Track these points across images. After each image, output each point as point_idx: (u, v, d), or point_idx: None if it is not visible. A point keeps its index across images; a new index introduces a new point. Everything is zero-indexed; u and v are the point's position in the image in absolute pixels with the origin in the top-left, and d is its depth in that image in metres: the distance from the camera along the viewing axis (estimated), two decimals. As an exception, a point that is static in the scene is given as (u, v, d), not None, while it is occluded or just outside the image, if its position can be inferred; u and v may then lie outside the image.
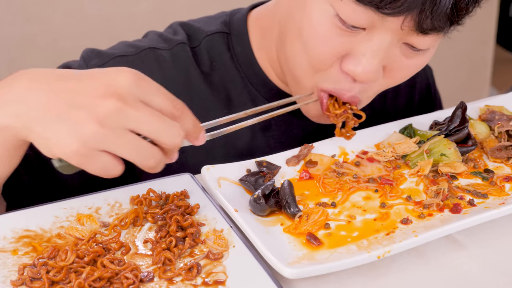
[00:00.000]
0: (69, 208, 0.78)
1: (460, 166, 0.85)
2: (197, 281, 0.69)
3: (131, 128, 0.65)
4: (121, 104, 0.64)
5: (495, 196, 0.81)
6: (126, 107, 0.64)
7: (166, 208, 0.77)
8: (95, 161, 0.65)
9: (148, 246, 0.74)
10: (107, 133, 0.63)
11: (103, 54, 0.97)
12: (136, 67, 0.79)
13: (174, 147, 0.67)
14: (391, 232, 0.76)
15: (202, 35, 0.99)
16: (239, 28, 0.99)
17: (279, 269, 0.68)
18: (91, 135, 0.63)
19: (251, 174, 0.83)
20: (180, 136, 0.67)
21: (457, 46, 2.70)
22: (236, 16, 1.01)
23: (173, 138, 0.66)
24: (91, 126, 0.63)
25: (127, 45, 0.98)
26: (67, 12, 1.99)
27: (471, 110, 0.98)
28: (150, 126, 0.65)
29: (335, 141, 0.91)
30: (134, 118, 0.64)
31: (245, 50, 0.99)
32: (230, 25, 1.00)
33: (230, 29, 1.00)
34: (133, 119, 0.64)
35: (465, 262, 0.74)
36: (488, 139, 0.91)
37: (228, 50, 0.99)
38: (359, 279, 0.72)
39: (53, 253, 0.71)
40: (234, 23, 1.00)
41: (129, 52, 0.97)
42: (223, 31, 1.00)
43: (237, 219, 0.75)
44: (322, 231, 0.76)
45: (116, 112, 0.63)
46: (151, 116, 0.65)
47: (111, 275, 0.68)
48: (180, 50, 0.98)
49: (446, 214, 0.78)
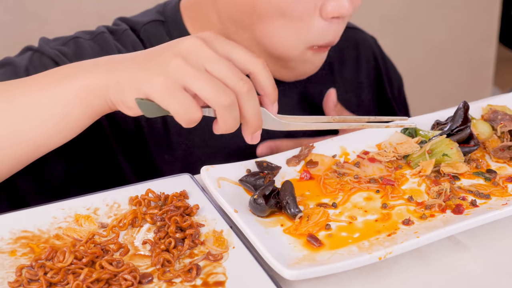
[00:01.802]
0: (67, 209, 0.78)
1: (462, 166, 0.84)
2: (197, 282, 0.69)
3: (208, 68, 0.71)
4: (200, 44, 0.71)
5: (498, 196, 0.81)
6: (204, 46, 0.71)
7: (165, 208, 0.77)
8: (177, 98, 0.70)
9: (147, 247, 0.74)
10: (190, 68, 0.70)
11: (58, 38, 1.00)
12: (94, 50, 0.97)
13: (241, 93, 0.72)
14: (392, 233, 0.75)
15: (140, 25, 1.04)
16: (172, 15, 1.04)
17: (279, 270, 0.68)
18: (176, 67, 0.70)
19: (251, 174, 0.82)
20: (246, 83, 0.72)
21: (459, 45, 2.70)
22: (169, 6, 1.06)
23: (238, 82, 0.71)
24: (177, 60, 0.70)
25: (81, 32, 1.02)
26: (64, 10, 1.98)
27: (473, 110, 0.97)
28: (223, 66, 0.71)
29: (336, 141, 0.90)
30: (209, 58, 0.71)
31: (183, 35, 1.01)
32: (164, 13, 1.05)
33: (165, 17, 1.05)
34: (208, 59, 0.71)
35: (467, 264, 0.74)
36: (490, 139, 0.91)
37: (166, 37, 1.03)
38: (360, 281, 0.71)
39: (51, 254, 0.70)
40: (168, 11, 1.05)
41: (84, 36, 1.00)
42: (158, 19, 1.04)
43: (236, 220, 0.75)
44: (323, 232, 0.76)
45: (195, 49, 0.71)
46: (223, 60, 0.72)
47: (109, 276, 0.68)
48: (126, 37, 1.02)
49: (448, 215, 0.78)
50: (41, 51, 0.95)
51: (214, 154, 1.02)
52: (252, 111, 0.74)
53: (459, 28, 2.67)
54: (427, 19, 2.58)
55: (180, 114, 0.71)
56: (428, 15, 2.58)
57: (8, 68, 0.93)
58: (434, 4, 2.57)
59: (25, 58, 0.94)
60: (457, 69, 2.75)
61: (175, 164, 1.00)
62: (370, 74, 1.19)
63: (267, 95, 0.76)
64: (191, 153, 1.01)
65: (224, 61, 0.72)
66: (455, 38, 2.68)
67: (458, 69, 2.75)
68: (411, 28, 2.53)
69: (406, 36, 2.51)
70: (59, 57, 0.94)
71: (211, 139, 1.01)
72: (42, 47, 0.96)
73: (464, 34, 2.69)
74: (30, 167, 0.86)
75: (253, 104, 0.73)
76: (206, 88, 0.70)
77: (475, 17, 2.68)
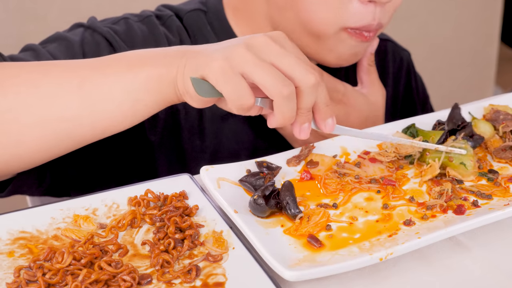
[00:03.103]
0: (65, 209, 0.77)
1: (470, 175, 0.84)
2: (196, 283, 0.68)
3: (275, 62, 0.72)
4: (269, 40, 0.73)
5: (500, 197, 0.80)
6: (273, 42, 0.73)
7: (164, 209, 0.76)
8: (232, 81, 0.71)
9: (146, 248, 0.73)
10: (251, 55, 0.71)
11: (106, 19, 1.03)
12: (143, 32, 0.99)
13: (307, 86, 0.73)
14: (393, 234, 0.75)
15: (183, 12, 1.05)
16: (214, 6, 1.06)
17: (280, 271, 0.67)
18: (238, 53, 0.71)
19: (251, 174, 0.82)
20: (315, 76, 0.73)
21: (461, 44, 2.69)
22: None
23: (307, 75, 0.72)
24: (240, 48, 0.72)
25: (129, 14, 1.04)
26: (63, 10, 1.98)
27: (475, 110, 0.97)
28: (291, 60, 0.72)
29: (337, 141, 0.90)
30: (277, 52, 0.72)
31: (224, 26, 1.05)
32: (207, 4, 1.07)
33: (207, 8, 1.06)
34: (276, 53, 0.72)
35: (469, 264, 0.73)
36: (492, 139, 0.90)
37: (207, 26, 1.05)
38: (361, 282, 0.71)
39: (49, 255, 0.70)
40: (210, 2, 1.07)
41: (133, 18, 1.02)
42: (200, 8, 1.06)
43: (236, 220, 0.74)
44: (323, 232, 0.75)
45: (263, 43, 0.73)
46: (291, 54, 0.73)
47: (108, 277, 0.68)
48: (172, 22, 1.03)
49: (449, 215, 0.77)
50: (93, 27, 0.97)
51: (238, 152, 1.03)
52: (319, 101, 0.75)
53: (461, 28, 2.67)
54: (429, 18, 2.57)
55: (232, 99, 0.72)
56: (429, 14, 2.57)
57: (62, 42, 0.95)
58: (436, 3, 2.56)
59: (78, 34, 0.97)
60: (459, 68, 2.74)
61: (203, 156, 1.02)
62: (399, 88, 1.20)
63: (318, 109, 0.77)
64: (220, 145, 1.02)
65: (292, 56, 0.73)
66: (456, 37, 2.68)
67: (460, 69, 2.74)
68: (413, 27, 2.53)
69: (408, 35, 2.51)
70: (110, 34, 0.97)
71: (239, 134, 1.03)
72: (94, 24, 0.98)
73: (466, 34, 2.69)
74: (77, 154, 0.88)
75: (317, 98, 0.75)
76: (265, 76, 0.71)
77: (477, 17, 2.67)
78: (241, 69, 0.71)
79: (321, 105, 0.76)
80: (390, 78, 1.19)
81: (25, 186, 0.89)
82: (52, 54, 0.92)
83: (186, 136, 1.01)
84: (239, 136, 1.03)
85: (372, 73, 1.07)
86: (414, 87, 1.22)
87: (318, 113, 0.77)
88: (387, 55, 1.18)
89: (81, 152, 0.88)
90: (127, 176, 0.98)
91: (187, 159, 1.01)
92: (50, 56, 0.91)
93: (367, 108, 1.06)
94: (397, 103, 1.20)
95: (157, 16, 1.04)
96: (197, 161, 1.00)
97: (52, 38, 0.96)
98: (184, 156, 1.01)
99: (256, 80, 0.71)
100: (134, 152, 1.00)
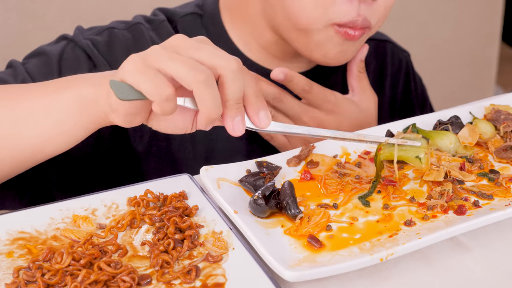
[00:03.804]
0: (64, 210, 0.77)
1: (470, 176, 0.83)
2: (196, 284, 0.68)
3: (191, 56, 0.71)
4: (186, 38, 0.73)
5: (501, 197, 0.80)
6: (190, 39, 0.73)
7: (164, 209, 0.76)
8: (147, 75, 0.69)
9: (145, 249, 0.73)
10: (165, 51, 0.71)
11: (93, 27, 1.03)
12: (127, 40, 1.00)
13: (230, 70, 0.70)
14: (394, 234, 0.74)
15: (178, 16, 1.06)
16: (210, 10, 1.06)
17: (280, 272, 0.67)
18: (151, 52, 0.71)
19: (251, 174, 0.82)
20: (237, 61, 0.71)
21: (462, 44, 2.69)
22: (208, 0, 1.08)
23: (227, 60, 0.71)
24: (155, 48, 0.71)
25: (117, 22, 1.05)
26: (62, 9, 1.98)
27: (476, 110, 0.97)
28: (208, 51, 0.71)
29: (337, 141, 0.89)
30: (195, 46, 0.71)
31: (219, 29, 1.05)
32: (203, 7, 1.07)
33: (203, 11, 1.06)
34: (194, 47, 0.71)
35: (469, 265, 0.73)
36: (493, 139, 0.90)
37: (202, 29, 1.05)
38: (361, 282, 0.71)
39: (48, 256, 0.70)
40: (206, 5, 1.07)
41: (119, 26, 1.03)
42: (196, 12, 1.06)
43: (236, 220, 0.74)
44: (324, 233, 0.75)
45: (180, 41, 0.72)
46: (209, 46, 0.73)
47: (107, 278, 0.67)
48: (163, 28, 1.04)
49: (450, 215, 0.77)
50: (75, 41, 0.98)
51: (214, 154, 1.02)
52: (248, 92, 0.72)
53: (461, 27, 2.66)
54: (429, 18, 2.57)
55: (151, 92, 0.69)
56: (430, 14, 2.57)
57: (42, 58, 0.96)
58: (436, 3, 2.56)
59: (59, 48, 0.98)
60: (460, 68, 2.74)
61: (195, 163, 1.01)
62: (398, 90, 1.20)
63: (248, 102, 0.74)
64: (212, 151, 1.02)
65: (210, 47, 0.72)
66: (457, 37, 2.67)
67: (461, 69, 2.74)
68: (413, 27, 2.53)
69: (408, 35, 2.51)
70: (90, 48, 0.97)
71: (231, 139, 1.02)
72: (77, 37, 0.99)
73: (467, 33, 2.68)
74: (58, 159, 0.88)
75: (246, 88, 0.72)
76: (180, 68, 0.69)
77: (478, 16, 2.67)
78: (157, 64, 0.70)
79: (251, 97, 0.73)
80: (388, 80, 1.18)
81: (7, 201, 0.91)
82: (29, 71, 0.94)
83: (176, 143, 1.01)
84: (232, 142, 1.02)
85: (362, 79, 1.07)
86: (412, 89, 1.22)
87: (249, 106, 0.73)
88: (386, 57, 1.18)
89: (62, 157, 0.88)
90: (114, 182, 0.97)
91: (178, 165, 1.01)
92: (26, 74, 0.94)
93: (358, 116, 1.05)
94: (395, 105, 1.20)
95: (148, 21, 1.04)
96: (190, 169, 0.99)
97: (35, 53, 0.98)
98: (175, 164, 1.01)
99: (172, 73, 0.69)
100: (119, 160, 1.00)
